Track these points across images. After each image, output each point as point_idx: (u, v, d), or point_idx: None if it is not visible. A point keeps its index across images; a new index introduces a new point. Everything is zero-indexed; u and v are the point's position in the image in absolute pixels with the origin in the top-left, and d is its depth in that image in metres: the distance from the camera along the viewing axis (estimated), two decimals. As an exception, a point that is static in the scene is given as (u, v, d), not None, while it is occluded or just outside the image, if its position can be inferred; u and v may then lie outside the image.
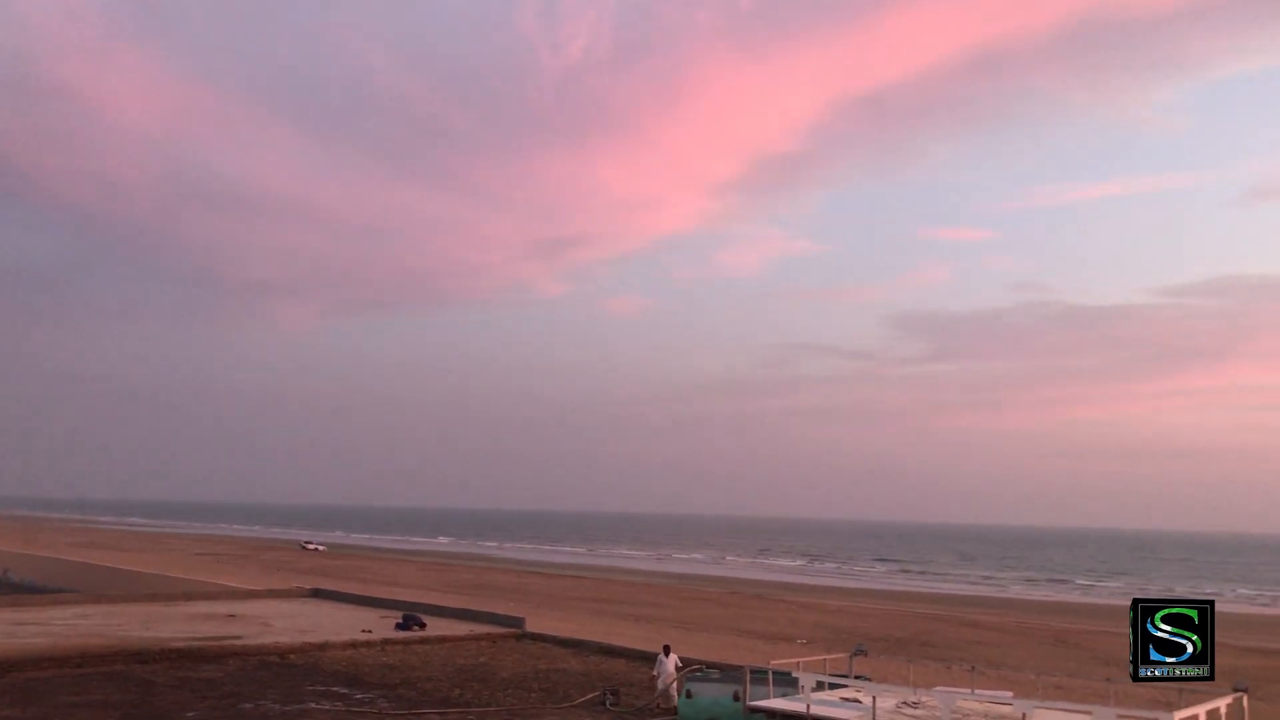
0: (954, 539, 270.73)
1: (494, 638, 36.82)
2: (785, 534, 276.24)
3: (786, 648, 41.35)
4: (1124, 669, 40.60)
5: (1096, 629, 57.69)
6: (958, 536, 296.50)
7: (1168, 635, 13.77)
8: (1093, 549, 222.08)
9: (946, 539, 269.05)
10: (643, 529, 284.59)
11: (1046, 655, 44.05)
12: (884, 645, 44.34)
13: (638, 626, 47.93)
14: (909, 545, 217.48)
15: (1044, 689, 24.77)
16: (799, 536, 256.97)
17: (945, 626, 55.40)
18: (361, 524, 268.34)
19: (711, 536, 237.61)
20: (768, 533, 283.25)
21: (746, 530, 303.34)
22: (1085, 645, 48.53)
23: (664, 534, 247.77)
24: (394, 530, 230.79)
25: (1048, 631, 54.60)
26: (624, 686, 27.12)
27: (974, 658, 39.61)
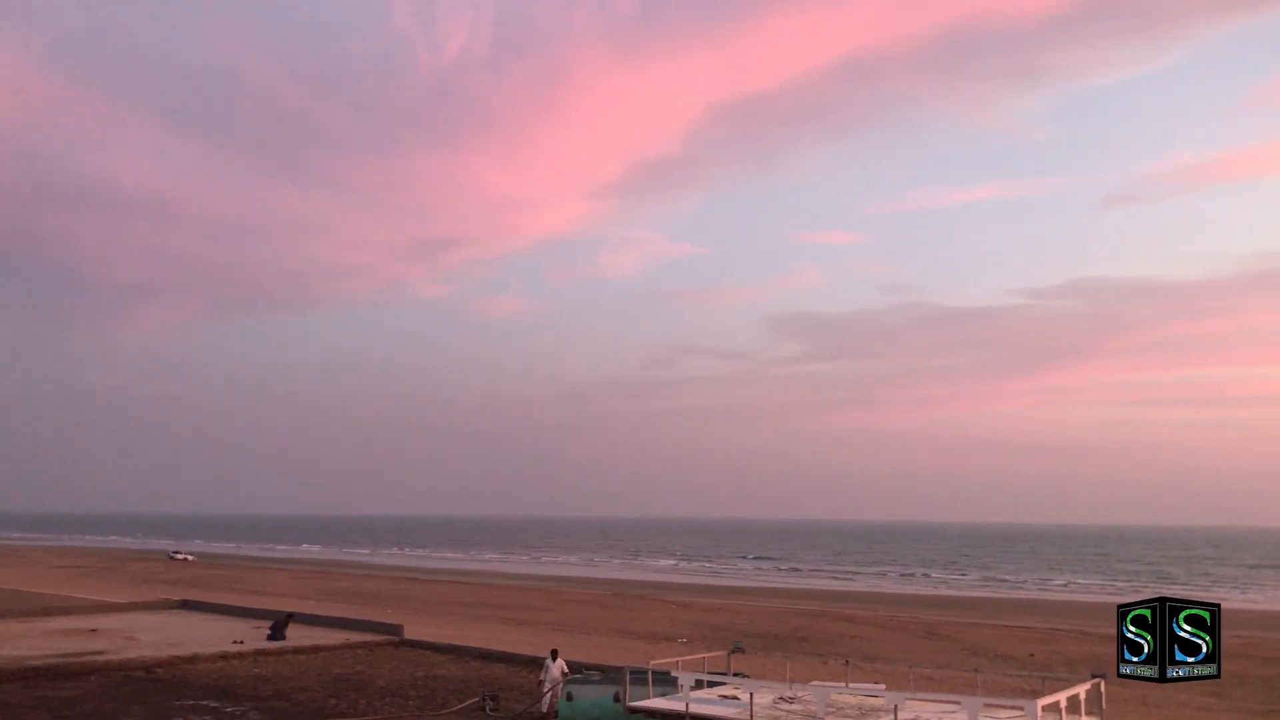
0: (830, 535, 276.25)
1: (371, 645, 36.18)
2: (663, 534, 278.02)
3: (667, 647, 41.61)
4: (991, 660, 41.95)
5: (965, 621, 59.56)
6: (834, 533, 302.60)
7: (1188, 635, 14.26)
8: (959, 542, 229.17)
9: (823, 536, 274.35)
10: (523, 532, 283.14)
11: (918, 647, 45.28)
12: (762, 642, 44.97)
13: (518, 630, 47.65)
14: (786, 543, 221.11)
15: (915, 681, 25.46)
16: (677, 536, 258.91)
17: (821, 622, 56.48)
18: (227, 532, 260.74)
19: (591, 538, 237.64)
20: (647, 533, 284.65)
21: (627, 531, 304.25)
22: (954, 637, 50.03)
23: (544, 536, 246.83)
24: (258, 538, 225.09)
25: (918, 624, 56.13)
26: (504, 691, 26.95)
27: (849, 652, 40.49)
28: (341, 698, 26.19)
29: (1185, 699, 32.53)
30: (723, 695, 18.83)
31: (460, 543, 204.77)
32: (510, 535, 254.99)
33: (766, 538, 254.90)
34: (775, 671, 26.42)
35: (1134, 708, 29.62)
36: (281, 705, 25.05)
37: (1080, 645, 47.16)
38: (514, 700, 25.98)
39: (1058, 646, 46.44)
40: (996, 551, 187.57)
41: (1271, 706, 31.64)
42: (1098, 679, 17.29)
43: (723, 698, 18.69)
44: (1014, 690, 24.87)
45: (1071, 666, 37.33)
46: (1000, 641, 48.16)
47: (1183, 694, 33.60)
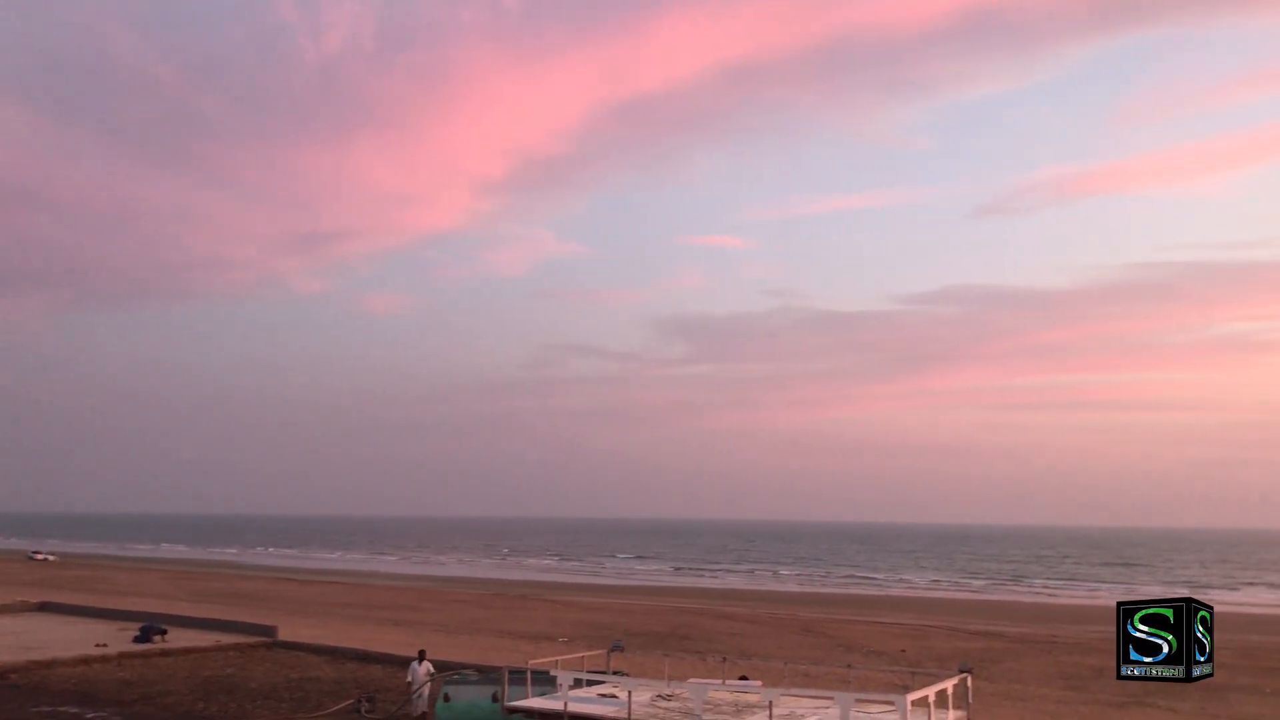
0: (712, 534, 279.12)
1: (243, 648, 35.30)
2: (547, 533, 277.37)
3: (548, 647, 41.52)
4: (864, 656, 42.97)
5: (840, 618, 60.83)
6: (715, 532, 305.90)
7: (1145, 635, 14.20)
8: (837, 541, 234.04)
9: (704, 534, 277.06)
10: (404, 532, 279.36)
11: (795, 644, 46.07)
12: (643, 640, 45.23)
13: (397, 631, 46.99)
14: (669, 541, 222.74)
15: (791, 677, 25.92)
16: (560, 536, 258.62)
17: (702, 619, 57.04)
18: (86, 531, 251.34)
19: (473, 538, 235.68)
20: (530, 532, 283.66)
21: (510, 530, 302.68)
22: (830, 633, 51.05)
23: (426, 536, 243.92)
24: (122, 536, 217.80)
25: (795, 621, 57.13)
26: (380, 693, 26.58)
27: (728, 649, 40.98)
28: (211, 701, 25.48)
29: (1046, 693, 33.82)
30: (601, 694, 18.89)
31: (339, 543, 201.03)
32: (391, 535, 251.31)
33: (649, 537, 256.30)
34: (655, 669, 26.61)
35: (999, 702, 30.66)
36: (147, 710, 24.26)
37: (949, 641, 48.59)
38: (391, 702, 25.64)
39: (928, 642, 47.76)
40: (872, 549, 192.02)
41: (1125, 698, 33.07)
42: (965, 673, 17.85)
43: (601, 696, 18.74)
44: (886, 685, 25.46)
45: (941, 662, 38.42)
46: (874, 638, 49.32)
47: (1044, 688, 34.93)
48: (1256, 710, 31.44)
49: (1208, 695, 34.03)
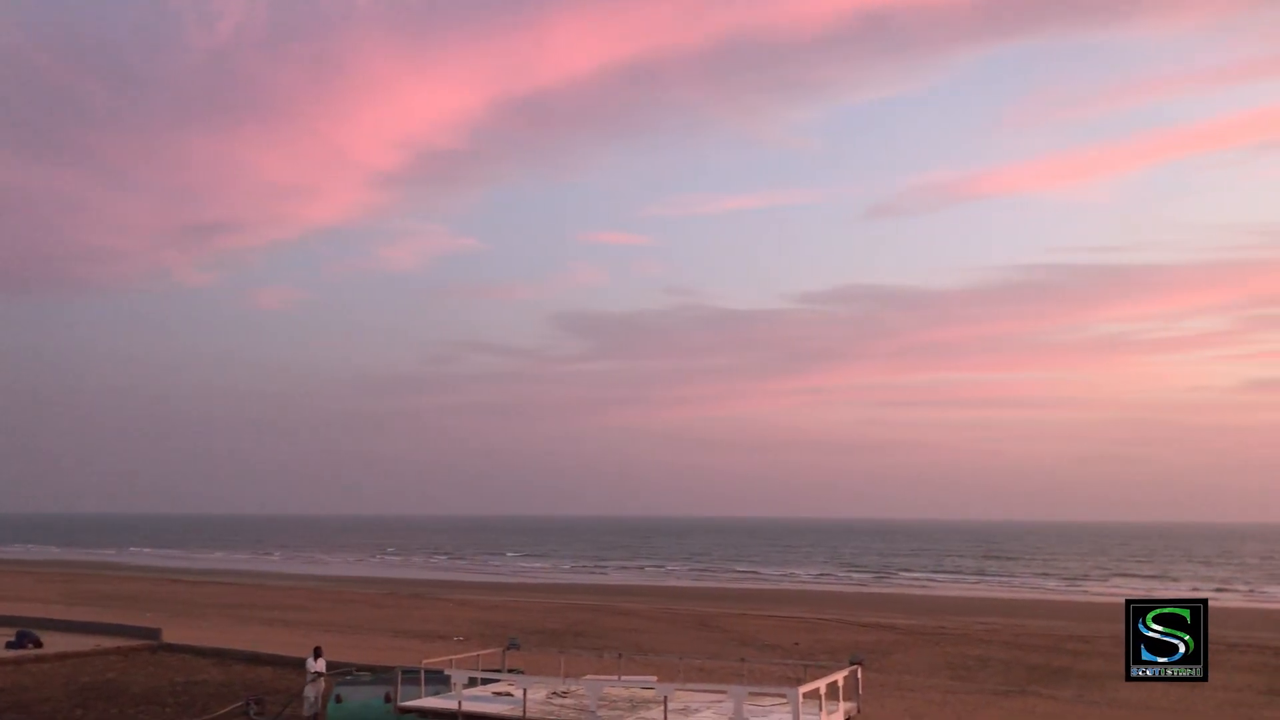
0: (606, 531, 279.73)
1: (125, 651, 34.19)
2: (442, 531, 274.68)
3: (443, 646, 41.09)
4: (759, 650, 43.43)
5: (736, 612, 61.45)
6: (615, 529, 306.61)
7: (1159, 635, 14.00)
8: (731, 537, 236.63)
9: (603, 532, 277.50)
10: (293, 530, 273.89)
11: (691, 639, 46.40)
12: (539, 638, 45.07)
13: (288, 631, 46.02)
14: (562, 538, 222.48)
15: (686, 671, 26.10)
16: (456, 533, 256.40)
17: (599, 616, 57.09)
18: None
19: (367, 536, 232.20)
20: (425, 530, 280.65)
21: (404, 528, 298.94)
22: (726, 628, 51.55)
23: (316, 535, 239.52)
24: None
25: (692, 617, 57.56)
26: (269, 695, 25.99)
27: (625, 645, 41.07)
28: (90, 708, 24.60)
29: (935, 683, 34.65)
30: (496, 692, 18.77)
31: (226, 542, 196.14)
32: (281, 534, 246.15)
33: (542, 534, 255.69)
34: (551, 667, 26.53)
35: (889, 693, 31.31)
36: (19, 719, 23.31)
37: (842, 634, 49.46)
38: (280, 703, 25.08)
39: (821, 635, 48.56)
40: (764, 544, 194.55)
41: (1009, 687, 34.08)
42: (855, 665, 18.19)
43: (496, 694, 18.62)
44: (779, 678, 25.83)
45: (834, 654, 39.09)
46: (768, 632, 49.94)
47: (932, 678, 35.79)
48: (1133, 696, 32.65)
49: (1086, 683, 35.28)
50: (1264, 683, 35.70)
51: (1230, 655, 43.13)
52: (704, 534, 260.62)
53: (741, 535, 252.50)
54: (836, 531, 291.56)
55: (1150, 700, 31.92)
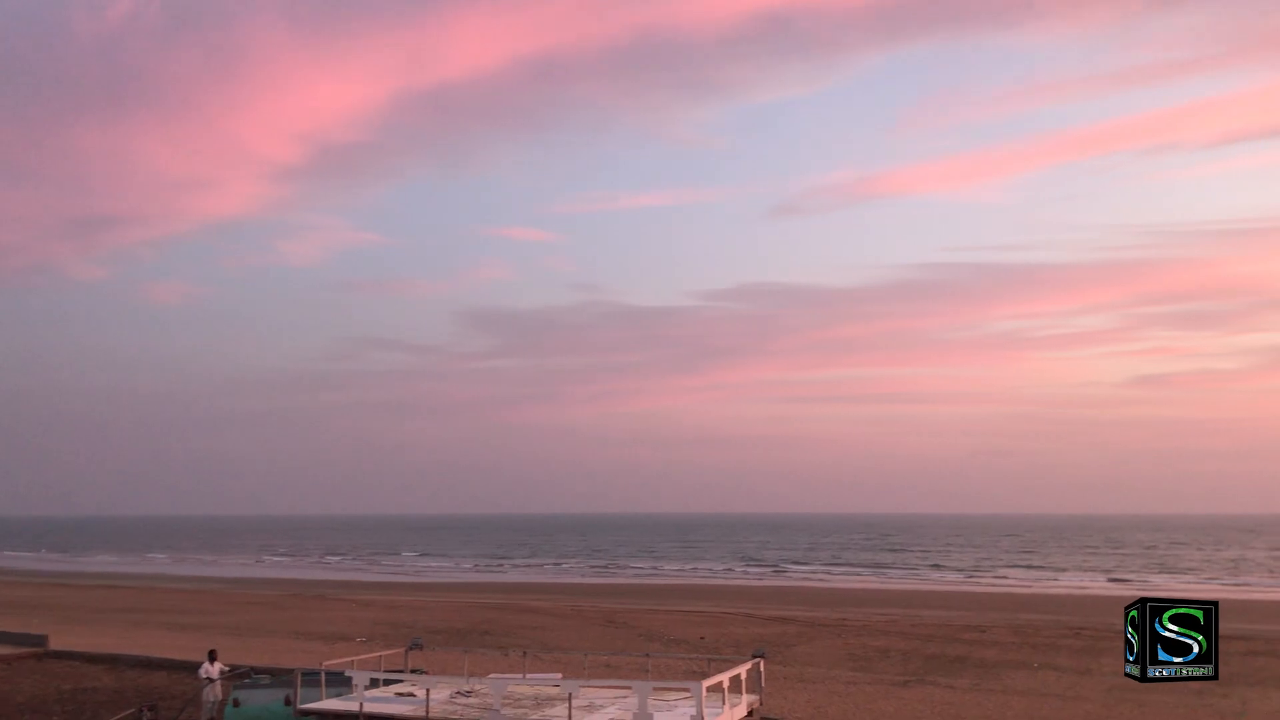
0: (517, 529, 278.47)
1: (9, 659, 32.98)
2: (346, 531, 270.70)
3: (346, 647, 40.47)
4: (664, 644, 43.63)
5: (642, 608, 61.71)
6: (521, 527, 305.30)
7: (1175, 635, 13.98)
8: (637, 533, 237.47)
9: (510, 529, 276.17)
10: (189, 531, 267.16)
11: (598, 635, 46.46)
12: (444, 637, 44.70)
13: (183, 636, 44.85)
14: (466, 536, 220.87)
15: (592, 668, 26.14)
16: (361, 533, 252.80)
17: (504, 614, 56.83)
18: None
19: (267, 537, 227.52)
20: (328, 530, 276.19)
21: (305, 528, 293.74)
22: (632, 624, 51.73)
23: (213, 536, 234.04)
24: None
25: (598, 613, 57.63)
26: (163, 701, 25.33)
27: (530, 643, 40.96)
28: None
29: (836, 674, 35.24)
30: (399, 693, 18.56)
31: (117, 544, 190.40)
32: (175, 535, 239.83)
33: (450, 533, 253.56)
34: (455, 666, 26.34)
35: (792, 684, 31.75)
36: (-104, 731, 22.37)
37: (746, 627, 50.02)
38: (175, 710, 24.45)
39: (726, 629, 49.03)
40: (670, 539, 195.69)
41: (908, 677, 34.84)
42: (758, 658, 18.42)
43: (399, 695, 18.42)
44: (684, 673, 26.01)
45: (739, 648, 39.54)
46: (674, 626, 50.26)
47: (834, 669, 36.41)
48: (1025, 684, 33.64)
49: (982, 672, 36.24)
50: (1148, 667, 37.00)
51: (1118, 642, 44.65)
52: (608, 530, 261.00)
53: (646, 531, 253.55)
54: (740, 526, 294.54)
55: (1042, 687, 32.92)
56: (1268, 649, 42.03)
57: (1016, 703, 30.13)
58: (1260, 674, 35.55)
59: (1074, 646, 43.15)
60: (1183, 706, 29.50)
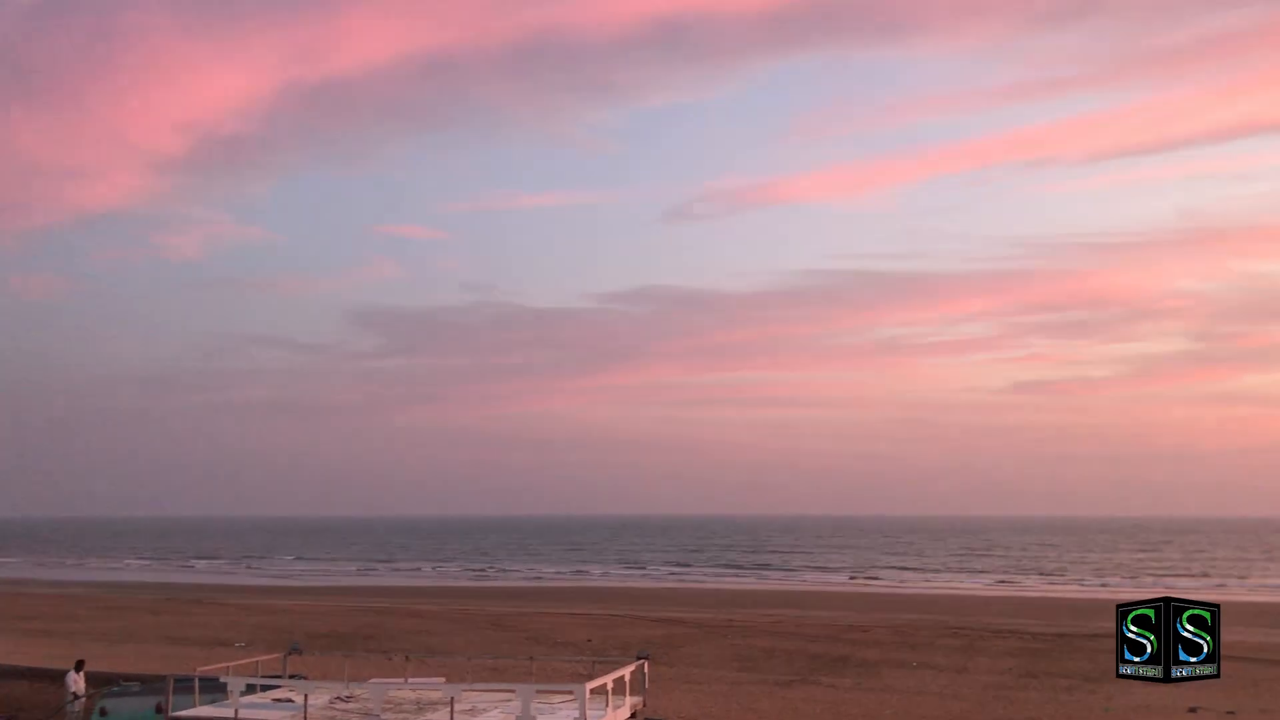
0: (402, 532, 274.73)
1: None
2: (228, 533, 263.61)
3: (223, 653, 39.32)
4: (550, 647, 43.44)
5: (530, 610, 61.42)
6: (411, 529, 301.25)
7: (1135, 636, 14.00)
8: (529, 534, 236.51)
9: (394, 532, 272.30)
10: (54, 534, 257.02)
11: (484, 639, 46.10)
12: (326, 642, 43.84)
13: (48, 642, 43.08)
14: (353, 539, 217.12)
15: (476, 671, 25.90)
16: (242, 536, 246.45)
17: (390, 618, 56.00)
18: None
19: (143, 539, 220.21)
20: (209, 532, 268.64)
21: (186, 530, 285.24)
22: (519, 627, 51.45)
23: (87, 538, 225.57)
24: None
25: (485, 616, 57.19)
26: (24, 711, 24.30)
27: (415, 647, 40.42)
28: None
29: (722, 674, 35.59)
30: (276, 699, 18.15)
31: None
32: (46, 538, 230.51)
33: (336, 535, 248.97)
34: (336, 671, 25.81)
35: (677, 686, 31.94)
36: None
37: (634, 629, 50.15)
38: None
39: (614, 631, 49.10)
40: (563, 541, 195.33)
41: (792, 677, 35.38)
42: (642, 660, 18.49)
43: (276, 701, 18.00)
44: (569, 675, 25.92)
45: (626, 650, 39.56)
46: (562, 629, 50.13)
47: (720, 670, 36.76)
48: (904, 683, 34.44)
49: (863, 671, 36.97)
50: (1022, 666, 38.26)
51: (994, 641, 46.10)
52: (496, 532, 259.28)
53: (534, 533, 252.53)
54: (630, 528, 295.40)
55: (919, 686, 33.73)
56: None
57: (895, 701, 30.82)
58: (1125, 670, 36.94)
59: (951, 645, 44.31)
60: (1053, 703, 30.54)
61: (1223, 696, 31.30)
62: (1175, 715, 28.60)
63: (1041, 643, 45.14)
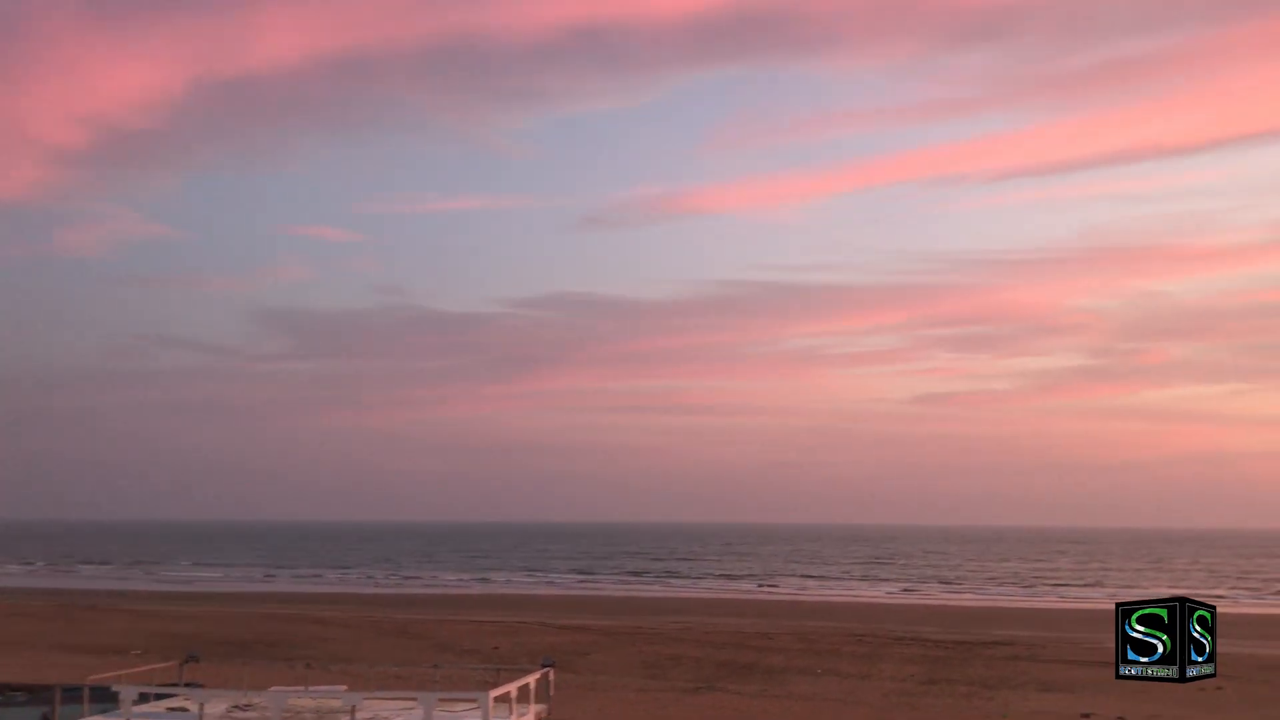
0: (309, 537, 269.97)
1: None
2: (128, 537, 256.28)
3: (120, 661, 38.22)
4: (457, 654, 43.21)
5: (437, 618, 60.84)
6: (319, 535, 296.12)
7: (1142, 635, 13.82)
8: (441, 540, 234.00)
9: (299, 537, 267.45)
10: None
11: (390, 646, 45.55)
12: (226, 649, 42.84)
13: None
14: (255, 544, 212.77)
15: (379, 679, 25.60)
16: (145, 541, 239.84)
17: (293, 625, 55.02)
18: None
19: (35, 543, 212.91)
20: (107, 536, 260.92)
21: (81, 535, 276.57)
22: (426, 634, 50.94)
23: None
24: None
25: (391, 624, 56.49)
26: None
27: (319, 654, 39.80)
28: None
29: (629, 682, 35.69)
30: (171, 708, 17.72)
31: None
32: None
33: (238, 540, 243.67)
34: (234, 679, 25.28)
35: (584, 693, 31.92)
36: None
37: (542, 636, 49.99)
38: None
39: (522, 639, 48.88)
40: (473, 548, 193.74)
41: (699, 684, 35.61)
42: (547, 668, 18.46)
43: (171, 710, 17.58)
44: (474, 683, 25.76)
45: (533, 657, 39.32)
46: (469, 637, 49.76)
47: (626, 677, 36.85)
48: (809, 689, 34.89)
49: (769, 678, 37.37)
50: (924, 672, 39.03)
51: (896, 648, 46.93)
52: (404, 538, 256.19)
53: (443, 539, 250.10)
54: (541, 534, 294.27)
55: (823, 693, 34.21)
56: (1028, 654, 44.93)
57: (800, 708, 31.21)
58: (1020, 677, 37.99)
59: (855, 652, 45.01)
60: (953, 710, 31.22)
61: (1114, 702, 32.36)
62: (1067, 720, 29.41)
63: (942, 650, 46.09)
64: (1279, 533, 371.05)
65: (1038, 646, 47.91)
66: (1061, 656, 44.38)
